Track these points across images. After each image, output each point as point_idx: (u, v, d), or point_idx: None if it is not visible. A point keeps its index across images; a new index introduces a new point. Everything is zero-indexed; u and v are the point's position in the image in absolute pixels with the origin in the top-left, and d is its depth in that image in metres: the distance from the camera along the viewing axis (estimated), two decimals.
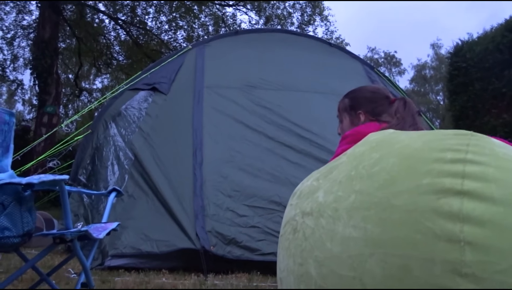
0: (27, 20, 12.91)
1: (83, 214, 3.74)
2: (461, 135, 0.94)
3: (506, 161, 0.88)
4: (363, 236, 0.88)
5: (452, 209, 0.80)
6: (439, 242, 0.79)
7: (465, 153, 0.87)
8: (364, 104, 1.69)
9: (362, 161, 1.01)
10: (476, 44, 6.66)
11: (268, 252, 2.97)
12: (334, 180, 1.05)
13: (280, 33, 5.90)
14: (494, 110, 6.12)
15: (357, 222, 0.91)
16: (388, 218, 0.86)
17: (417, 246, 0.81)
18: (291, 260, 1.07)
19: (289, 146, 3.61)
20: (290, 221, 1.14)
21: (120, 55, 14.51)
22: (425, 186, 0.85)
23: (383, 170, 0.94)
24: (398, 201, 0.87)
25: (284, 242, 1.14)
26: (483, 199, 0.80)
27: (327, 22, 13.66)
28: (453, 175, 0.84)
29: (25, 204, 1.43)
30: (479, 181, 0.83)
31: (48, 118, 9.41)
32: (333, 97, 4.26)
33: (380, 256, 0.84)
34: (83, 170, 4.06)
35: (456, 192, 0.82)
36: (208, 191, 3.25)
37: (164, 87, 4.18)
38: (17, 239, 1.41)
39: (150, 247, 3.05)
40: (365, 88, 1.78)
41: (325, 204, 1.01)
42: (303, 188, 1.18)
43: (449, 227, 0.79)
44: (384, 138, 1.07)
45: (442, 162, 0.87)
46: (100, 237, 1.71)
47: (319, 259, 0.96)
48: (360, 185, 0.96)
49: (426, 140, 0.96)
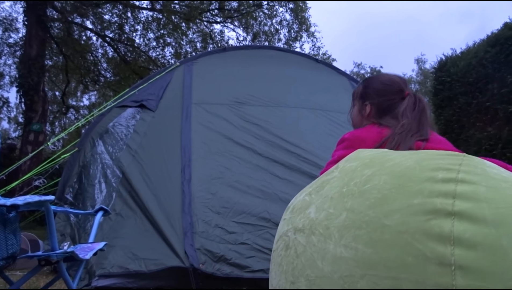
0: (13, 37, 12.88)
1: (70, 234, 3.68)
2: (454, 156, 0.94)
3: (498, 181, 0.87)
4: (354, 256, 0.88)
5: (443, 231, 0.79)
6: (430, 265, 0.78)
7: (457, 173, 0.87)
8: (373, 96, 1.64)
9: (354, 178, 1.00)
10: (460, 59, 6.79)
11: (258, 269, 2.94)
12: (326, 196, 1.04)
13: (268, 50, 5.95)
14: (479, 124, 6.22)
15: (348, 242, 0.90)
16: (379, 239, 0.85)
17: (408, 269, 0.80)
18: (283, 277, 1.06)
19: (278, 162, 3.61)
20: (282, 236, 1.14)
21: (107, 72, 14.50)
22: (416, 206, 0.84)
23: (374, 188, 0.93)
24: (389, 221, 0.86)
25: (277, 258, 1.13)
26: (475, 220, 0.79)
27: (313, 38, 13.86)
28: (444, 195, 0.83)
29: (9, 226, 1.40)
30: (470, 201, 0.82)
31: (34, 136, 9.32)
32: (320, 112, 4.31)
33: (371, 278, 0.84)
34: (70, 189, 4.01)
35: (447, 213, 0.81)
36: (197, 208, 3.22)
37: (152, 104, 4.18)
38: (1, 262, 1.38)
39: (138, 266, 3.00)
40: (380, 78, 1.69)
41: (317, 221, 1.01)
42: (296, 203, 1.18)
43: (440, 250, 0.78)
44: (376, 155, 1.07)
45: (433, 181, 0.86)
46: (86, 257, 1.68)
47: (311, 278, 0.96)
48: (351, 202, 0.95)
49: (418, 159, 0.96)
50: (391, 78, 1.64)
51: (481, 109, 6.17)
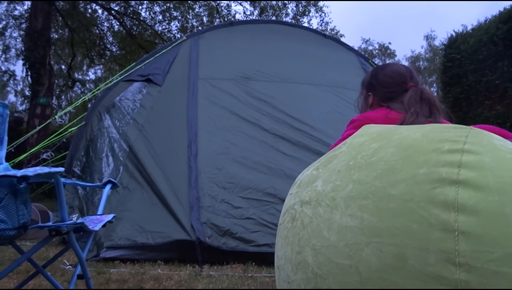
0: (18, 10, 12.79)
1: (78, 206, 3.74)
2: (460, 128, 0.95)
3: (504, 152, 0.88)
4: (360, 225, 0.89)
5: (447, 198, 0.81)
6: (434, 231, 0.80)
7: (463, 144, 0.88)
8: (376, 88, 1.67)
9: (361, 151, 1.02)
10: (470, 36, 6.67)
11: (263, 243, 2.99)
12: (333, 170, 1.06)
13: (275, 24, 5.88)
14: (487, 102, 6.15)
15: (354, 211, 0.92)
16: (384, 208, 0.87)
17: (413, 236, 0.82)
18: (289, 248, 1.08)
19: (284, 138, 3.62)
20: (289, 209, 1.15)
21: (113, 46, 14.41)
22: (422, 175, 0.86)
23: (381, 160, 0.95)
24: (395, 190, 0.87)
25: (283, 230, 1.15)
26: (479, 188, 0.80)
27: (322, 13, 13.63)
28: (450, 165, 0.84)
29: (20, 197, 1.42)
30: (475, 170, 0.83)
31: (41, 110, 9.35)
32: (327, 89, 4.28)
33: (376, 245, 0.85)
34: (78, 162, 4.05)
35: (452, 181, 0.82)
36: (203, 183, 3.26)
37: (159, 79, 4.16)
38: (12, 231, 1.41)
39: (145, 238, 3.06)
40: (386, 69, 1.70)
41: (323, 193, 1.02)
42: (303, 177, 1.19)
43: (444, 217, 0.80)
44: (384, 129, 1.08)
45: (439, 152, 0.88)
46: (95, 229, 1.71)
47: (316, 248, 0.98)
48: (358, 174, 0.96)
49: (425, 131, 0.97)
50: (396, 69, 1.66)
51: (490, 87, 6.10)
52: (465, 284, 0.76)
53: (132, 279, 2.53)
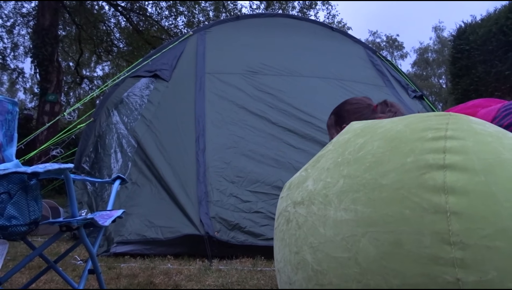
0: (26, 7, 12.86)
1: (87, 202, 3.77)
2: (440, 116, 0.99)
3: (484, 135, 0.93)
4: (354, 217, 0.92)
5: (437, 182, 0.84)
6: (427, 214, 0.83)
7: (445, 131, 0.92)
8: (348, 117, 1.74)
9: (348, 148, 1.05)
10: (480, 27, 6.59)
11: (272, 237, 2.97)
12: (322, 168, 1.09)
13: (282, 18, 5.84)
14: (497, 93, 6.08)
15: (348, 205, 0.94)
16: (377, 198, 0.90)
17: (407, 221, 0.85)
18: (286, 250, 1.10)
19: (292, 131, 3.61)
20: (282, 212, 1.18)
21: (120, 42, 14.45)
22: (409, 163, 0.89)
23: (368, 153, 0.98)
24: (385, 180, 0.91)
25: (279, 233, 1.17)
26: (465, 170, 0.85)
27: (328, 5, 13.54)
28: (435, 151, 0.88)
29: (31, 193, 1.44)
30: (460, 154, 0.87)
31: (50, 107, 9.42)
32: (335, 82, 4.26)
33: (372, 235, 0.88)
34: (87, 158, 4.08)
35: (439, 166, 0.86)
36: (211, 177, 3.26)
37: (166, 74, 4.17)
38: (24, 227, 1.42)
39: (154, 233, 3.08)
40: (347, 102, 1.84)
41: (315, 192, 1.05)
42: (293, 180, 1.23)
43: (435, 200, 0.83)
44: (367, 124, 1.12)
45: (424, 140, 0.92)
46: (106, 224, 1.72)
47: (314, 245, 0.99)
48: (347, 169, 0.99)
49: (407, 122, 1.01)
50: (355, 98, 1.81)
51: (499, 78, 6.03)
52: (460, 262, 0.79)
53: (142, 273, 2.55)
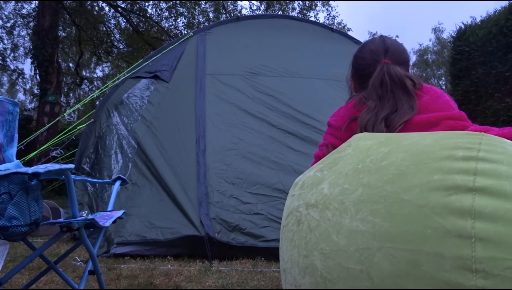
0: (26, 8, 12.87)
1: (88, 202, 3.77)
2: (472, 135, 0.94)
3: None
4: (371, 229, 0.88)
5: (464, 205, 0.80)
6: (450, 237, 0.79)
7: (477, 151, 0.87)
8: (353, 70, 1.54)
9: (370, 155, 1.00)
10: (479, 28, 6.59)
11: (272, 238, 2.99)
12: (340, 172, 1.04)
13: (282, 19, 5.84)
14: (497, 94, 6.09)
15: (365, 216, 0.91)
16: (397, 213, 0.86)
17: (427, 241, 0.81)
18: (295, 251, 1.07)
19: (292, 133, 3.61)
20: (293, 212, 1.14)
21: (120, 43, 14.46)
22: (436, 181, 0.84)
23: (391, 165, 0.93)
24: (408, 196, 0.86)
25: (288, 233, 1.14)
26: (496, 196, 0.80)
27: (328, 7, 13.56)
28: (465, 172, 0.83)
29: (31, 193, 1.44)
30: (492, 178, 0.82)
31: (50, 107, 9.42)
32: (335, 83, 4.25)
33: (388, 251, 0.85)
34: (87, 159, 4.08)
35: (467, 189, 0.81)
36: (212, 178, 3.26)
37: (166, 75, 4.17)
38: (24, 228, 1.42)
39: (155, 234, 3.08)
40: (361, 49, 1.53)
41: (331, 197, 1.01)
42: (305, 179, 1.17)
43: (460, 223, 0.79)
44: (392, 134, 1.08)
45: (453, 159, 0.87)
46: (106, 225, 1.72)
47: (325, 251, 0.97)
48: (368, 178, 0.95)
49: (436, 138, 0.96)
50: (369, 46, 1.48)
51: (500, 80, 6.03)
52: None
53: (142, 274, 2.55)
